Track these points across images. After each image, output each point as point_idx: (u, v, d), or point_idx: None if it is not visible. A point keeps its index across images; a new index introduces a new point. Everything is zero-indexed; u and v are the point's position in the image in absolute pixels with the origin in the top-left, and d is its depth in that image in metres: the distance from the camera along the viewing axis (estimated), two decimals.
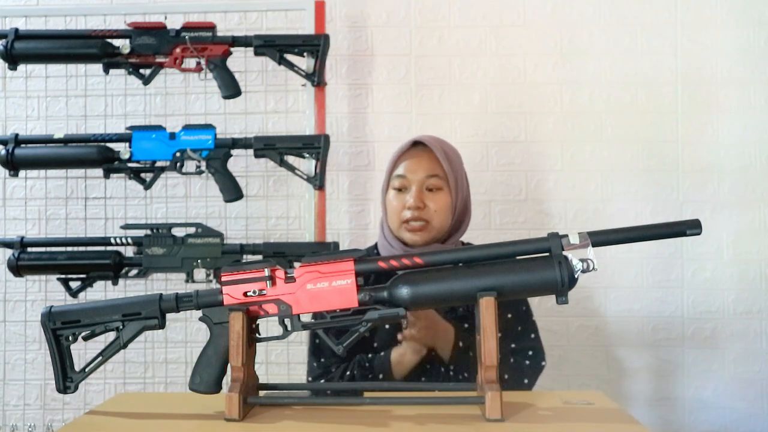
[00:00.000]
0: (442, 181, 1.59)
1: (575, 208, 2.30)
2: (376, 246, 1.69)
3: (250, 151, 2.00)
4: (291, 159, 2.01)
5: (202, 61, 2.01)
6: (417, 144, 1.63)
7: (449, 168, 1.59)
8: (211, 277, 1.96)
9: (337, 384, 1.53)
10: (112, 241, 1.98)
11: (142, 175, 2.00)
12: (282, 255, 1.94)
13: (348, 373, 1.55)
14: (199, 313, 1.12)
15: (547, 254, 1.05)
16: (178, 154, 1.97)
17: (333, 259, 1.08)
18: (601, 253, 1.04)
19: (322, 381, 1.58)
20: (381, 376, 1.52)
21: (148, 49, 2.01)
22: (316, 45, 2.01)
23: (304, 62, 2.04)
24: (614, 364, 2.29)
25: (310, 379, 1.63)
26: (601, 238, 1.05)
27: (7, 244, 2.00)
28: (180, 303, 1.12)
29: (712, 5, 2.30)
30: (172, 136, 1.97)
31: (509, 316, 1.59)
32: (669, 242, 2.24)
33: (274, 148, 1.98)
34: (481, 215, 2.30)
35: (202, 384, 1.11)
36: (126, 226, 1.98)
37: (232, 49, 2.03)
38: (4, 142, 1.99)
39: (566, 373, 2.27)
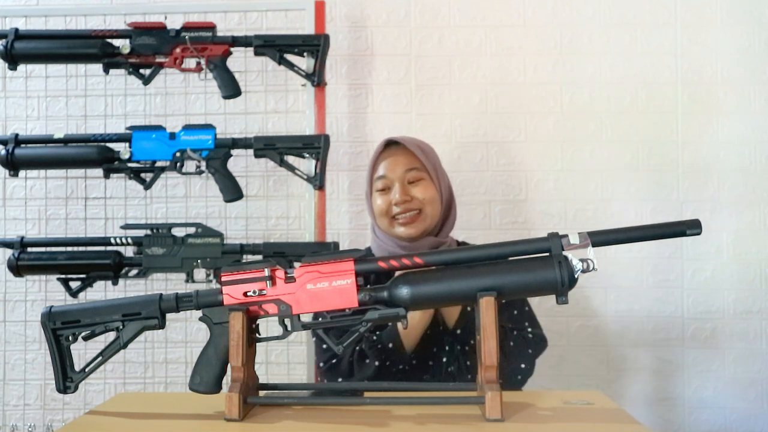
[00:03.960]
0: (421, 172, 1.62)
1: (575, 208, 2.30)
2: (369, 250, 1.70)
3: (250, 151, 2.00)
4: (291, 159, 2.01)
5: (202, 61, 2.01)
6: (391, 144, 1.66)
7: (426, 159, 1.62)
8: (211, 277, 1.96)
9: (337, 384, 1.53)
10: (112, 241, 1.98)
11: (142, 175, 1.99)
12: (282, 255, 1.94)
13: (357, 348, 1.54)
14: (199, 313, 1.12)
15: (547, 254, 1.05)
16: (178, 154, 1.97)
17: (333, 259, 1.09)
18: (601, 253, 1.04)
19: (333, 363, 1.57)
20: (390, 345, 1.51)
21: (148, 49, 2.01)
22: (316, 45, 2.01)
23: (304, 62, 2.04)
24: (614, 364, 2.29)
25: (321, 364, 1.61)
26: (601, 238, 1.05)
27: (7, 244, 2.00)
28: (180, 303, 1.12)
29: (712, 5, 2.30)
30: (172, 136, 1.97)
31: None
32: (669, 242, 2.24)
33: (274, 148, 1.98)
34: (481, 215, 2.30)
35: (202, 384, 1.11)
36: (126, 226, 1.98)
37: (232, 49, 2.03)
38: (4, 142, 1.99)
39: (566, 373, 2.27)
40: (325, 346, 1.60)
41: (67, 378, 1.13)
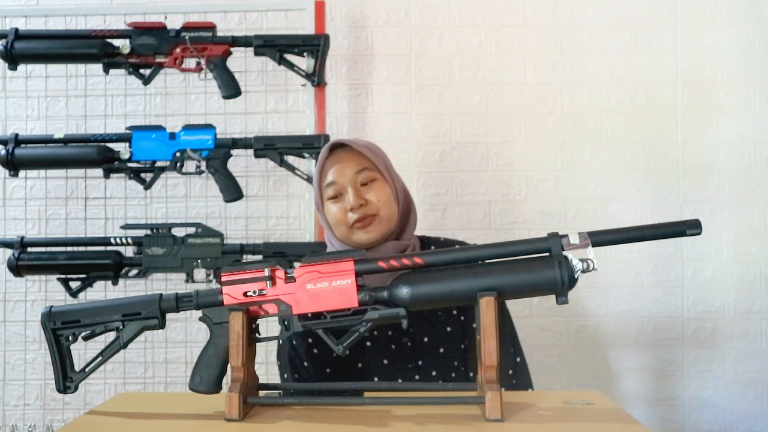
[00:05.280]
0: (373, 172, 1.50)
1: (575, 208, 2.30)
2: None
3: (250, 151, 2.00)
4: (291, 159, 2.01)
5: (202, 61, 2.01)
6: (335, 149, 1.53)
7: (376, 158, 1.51)
8: (211, 277, 1.96)
9: (337, 384, 1.52)
10: (112, 241, 1.98)
11: (142, 175, 2.00)
12: (282, 255, 1.94)
13: None
14: (199, 313, 1.12)
15: (547, 254, 1.05)
16: (178, 154, 1.97)
17: (333, 259, 1.08)
18: (601, 253, 1.04)
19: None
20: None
21: (148, 49, 2.01)
22: (316, 45, 2.01)
23: (304, 62, 2.04)
24: (614, 364, 2.29)
25: None
26: (601, 238, 1.05)
27: (7, 244, 2.00)
28: (180, 303, 1.12)
29: (712, 5, 2.30)
30: (172, 136, 1.97)
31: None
32: (669, 242, 2.24)
33: (274, 148, 1.98)
34: (481, 215, 2.30)
35: (202, 384, 1.11)
36: (126, 226, 1.98)
37: (232, 49, 2.03)
38: (4, 142, 1.99)
39: (566, 373, 2.27)
40: (296, 375, 1.58)
41: (67, 378, 1.13)
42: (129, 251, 1.99)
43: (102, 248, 2.00)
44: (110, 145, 1.99)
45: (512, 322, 1.61)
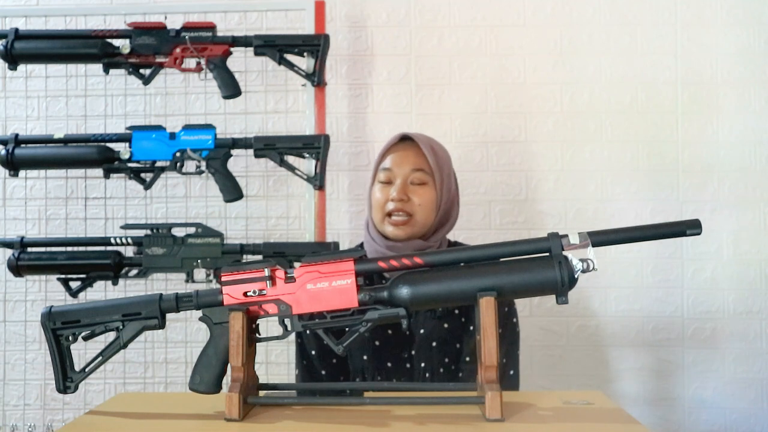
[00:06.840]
0: (427, 176, 1.59)
1: (575, 208, 2.30)
2: (362, 245, 1.68)
3: (250, 151, 2.00)
4: (291, 159, 2.01)
5: (202, 61, 2.01)
6: (405, 139, 1.63)
7: (435, 163, 1.59)
8: (211, 277, 1.96)
9: (337, 384, 1.53)
10: (112, 241, 1.98)
11: (142, 175, 2.00)
12: (282, 255, 1.94)
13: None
14: (199, 313, 1.12)
15: (547, 254, 1.05)
16: (178, 154, 1.97)
17: (333, 259, 1.09)
18: (601, 253, 1.04)
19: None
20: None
21: (148, 49, 2.01)
22: (316, 45, 2.01)
23: (304, 62, 2.04)
24: (614, 364, 2.29)
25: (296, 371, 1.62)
26: (601, 238, 1.05)
27: (7, 244, 2.00)
28: (180, 303, 1.12)
29: (712, 5, 2.30)
30: (172, 136, 1.97)
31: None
32: (669, 242, 2.24)
33: (274, 148, 1.98)
34: (481, 215, 2.30)
35: (202, 384, 1.11)
36: (126, 226, 1.98)
37: (232, 49, 2.03)
38: (4, 142, 1.99)
39: (566, 373, 2.27)
40: (298, 371, 1.60)
41: (67, 378, 1.13)
42: (129, 251, 1.99)
43: (102, 248, 2.00)
44: (110, 145, 1.99)
45: (517, 336, 1.62)
